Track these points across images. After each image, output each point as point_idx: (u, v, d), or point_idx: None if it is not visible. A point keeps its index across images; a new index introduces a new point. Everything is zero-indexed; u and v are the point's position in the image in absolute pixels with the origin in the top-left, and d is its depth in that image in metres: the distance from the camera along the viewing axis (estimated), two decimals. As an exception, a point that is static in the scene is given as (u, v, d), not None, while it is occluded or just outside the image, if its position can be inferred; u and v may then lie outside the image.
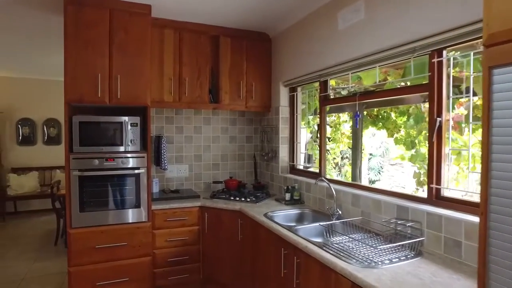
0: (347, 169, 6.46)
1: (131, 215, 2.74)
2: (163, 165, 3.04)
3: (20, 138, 6.44)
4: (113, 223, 2.68)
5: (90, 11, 2.56)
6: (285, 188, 3.02)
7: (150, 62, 2.83)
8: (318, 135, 3.06)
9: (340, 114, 5.21)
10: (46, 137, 6.60)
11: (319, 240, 2.06)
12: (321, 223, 2.18)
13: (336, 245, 1.83)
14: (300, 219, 2.72)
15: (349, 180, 3.59)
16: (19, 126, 6.42)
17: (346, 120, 5.59)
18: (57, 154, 6.50)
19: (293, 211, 2.73)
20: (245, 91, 3.38)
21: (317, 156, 3.15)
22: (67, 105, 2.58)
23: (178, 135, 3.45)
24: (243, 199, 3.01)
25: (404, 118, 4.44)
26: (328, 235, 2.04)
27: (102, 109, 2.94)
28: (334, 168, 6.48)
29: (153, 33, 2.92)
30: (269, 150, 3.55)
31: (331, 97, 2.92)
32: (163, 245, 2.86)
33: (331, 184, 2.49)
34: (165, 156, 3.06)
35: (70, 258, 2.57)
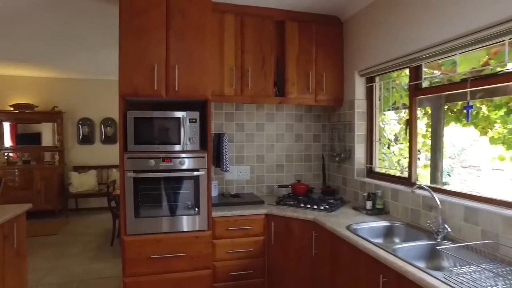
0: (419, 171, 5.74)
1: (189, 222, 2.43)
2: (224, 166, 2.70)
3: (80, 137, 6.60)
4: (169, 231, 2.40)
5: (146, -8, 2.29)
6: (365, 195, 2.54)
7: (211, 50, 2.51)
8: (407, 132, 2.53)
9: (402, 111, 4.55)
10: (103, 136, 6.71)
11: (420, 263, 1.59)
12: (440, 248, 1.68)
13: (463, 279, 1.33)
14: (389, 234, 2.22)
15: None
16: (79, 125, 6.58)
17: (420, 117, 4.91)
18: (113, 153, 6.56)
19: (380, 224, 2.24)
20: (314, 83, 2.94)
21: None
22: (122, 99, 2.34)
23: (238, 133, 3.11)
24: (315, 206, 2.57)
25: (501, 112, 3.70)
26: (446, 261, 1.54)
27: (158, 104, 2.68)
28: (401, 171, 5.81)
29: (213, 19, 2.60)
30: (341, 150, 3.07)
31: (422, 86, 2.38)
32: (224, 257, 2.52)
33: (435, 194, 1.96)
34: (226, 156, 2.72)
35: (125, 267, 2.32)
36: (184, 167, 2.41)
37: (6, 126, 6.30)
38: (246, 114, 3.13)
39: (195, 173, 2.42)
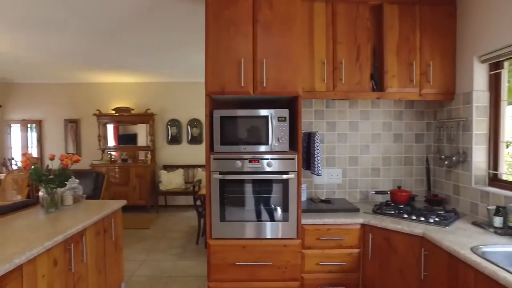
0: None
1: (277, 229, 2.25)
2: (316, 169, 2.46)
3: (169, 137, 7.01)
4: (255, 237, 2.25)
5: (233, -15, 2.18)
6: (491, 208, 2.05)
7: (300, 42, 2.30)
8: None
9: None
10: (190, 137, 7.01)
11: None
12: None
13: None
14: (531, 262, 1.73)
15: None
16: (168, 126, 6.99)
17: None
18: (199, 153, 6.83)
19: (518, 248, 1.76)
20: (418, 74, 2.52)
21: None
22: (208, 97, 2.27)
23: (329, 133, 2.84)
24: (422, 218, 2.17)
25: None
26: None
27: (244, 104, 2.57)
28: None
29: (302, 8, 2.39)
30: (451, 152, 2.58)
31: None
32: (314, 269, 2.29)
33: None
34: (318, 157, 2.47)
35: (209, 272, 2.25)
36: (272, 169, 2.24)
37: (110, 127, 7.00)
38: (338, 112, 2.85)
39: (284, 176, 2.23)
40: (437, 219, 2.15)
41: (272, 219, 2.25)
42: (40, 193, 2.65)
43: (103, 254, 2.58)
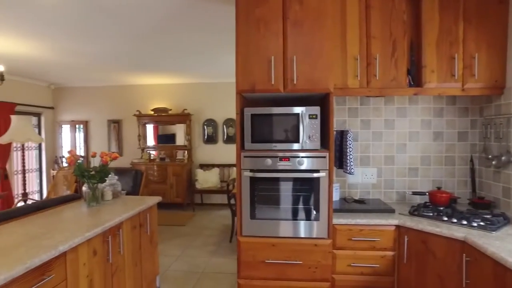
0: None
1: (307, 228, 2.22)
2: (348, 167, 2.40)
3: (205, 137, 7.16)
4: (285, 235, 2.23)
5: (263, -17, 2.18)
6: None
7: (331, 38, 2.25)
8: None
9: None
10: (225, 136, 7.12)
11: None
12: None
13: None
14: None
15: None
16: (204, 126, 7.15)
17: None
18: (234, 152, 6.91)
19: None
20: (461, 67, 2.36)
21: None
22: (239, 96, 2.29)
23: (364, 131, 2.75)
24: (464, 222, 2.03)
25: None
26: None
27: (274, 102, 2.56)
28: None
29: (333, 4, 2.34)
30: (500, 152, 2.39)
31: None
32: (346, 270, 2.22)
33: None
34: (351, 156, 2.41)
35: (239, 269, 2.26)
36: (303, 167, 2.21)
37: (149, 127, 7.30)
38: (372, 110, 2.75)
39: (315, 175, 2.19)
40: (482, 223, 2.00)
41: (302, 218, 2.22)
42: (84, 188, 2.82)
43: (138, 248, 2.69)
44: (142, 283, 2.73)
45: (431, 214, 2.22)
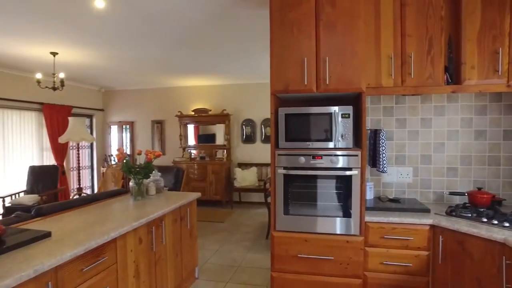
0: None
1: (339, 225, 2.26)
2: (381, 166, 2.40)
3: (244, 137, 7.33)
4: (318, 231, 2.29)
5: (296, -13, 2.26)
6: None
7: (364, 38, 2.28)
8: None
9: None
10: (263, 136, 7.24)
11: None
12: None
13: None
14: None
15: None
16: (243, 126, 7.32)
17: None
18: (271, 152, 7.00)
19: None
20: (506, 62, 2.26)
21: None
22: (273, 96, 2.38)
23: (399, 130, 2.72)
24: (506, 224, 1.96)
25: None
26: None
27: (308, 102, 2.63)
28: None
29: (367, 4, 2.36)
30: (548, 152, 2.27)
31: None
32: (378, 268, 2.23)
33: None
34: (384, 155, 2.41)
35: (273, 262, 2.36)
36: (335, 165, 2.26)
37: (190, 128, 7.62)
38: (408, 108, 2.72)
39: (347, 173, 2.23)
40: None
41: (335, 214, 2.27)
42: (130, 184, 3.07)
43: (179, 239, 2.87)
44: (182, 273, 2.91)
45: (470, 215, 2.16)
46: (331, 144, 2.31)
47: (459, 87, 2.34)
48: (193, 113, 7.39)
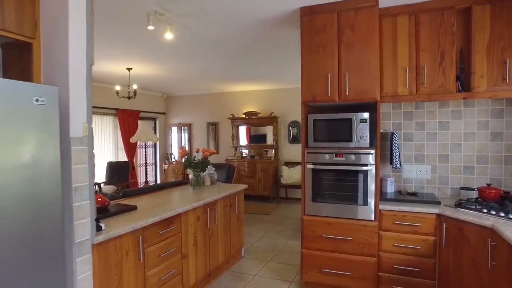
0: None
1: (357, 211, 2.71)
2: (394, 163, 2.80)
3: (290, 137, 7.84)
4: (339, 216, 2.76)
5: (320, 17, 2.76)
6: None
7: (382, 54, 2.72)
8: None
9: None
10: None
11: None
12: None
13: None
14: None
15: None
16: (290, 127, 7.83)
17: None
18: (315, 151, 7.41)
19: None
20: (513, 72, 2.54)
21: None
22: (304, 105, 2.90)
23: (418, 132, 3.07)
24: (502, 214, 2.27)
25: None
26: None
27: (333, 108, 3.08)
28: None
29: (385, 24, 2.77)
30: (555, 152, 2.48)
31: None
32: (390, 249, 2.64)
33: None
34: (396, 153, 2.80)
35: (302, 241, 2.88)
36: (354, 162, 2.71)
37: (241, 129, 8.33)
38: (427, 113, 3.05)
39: (364, 168, 2.67)
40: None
41: (353, 202, 2.72)
42: (190, 176, 3.78)
43: (228, 221, 3.51)
44: (230, 249, 3.54)
45: (473, 207, 2.47)
46: (351, 144, 2.76)
47: (470, 94, 2.66)
48: (244, 115, 8.08)
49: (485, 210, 2.37)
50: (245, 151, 8.21)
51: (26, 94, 1.43)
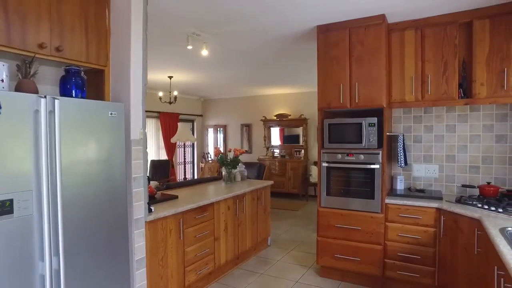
0: None
1: (365, 204, 3.08)
2: (398, 162, 3.14)
3: (319, 138, 8.17)
4: (350, 208, 3.14)
5: (334, 34, 3.16)
6: None
7: (391, 64, 3.07)
8: None
9: None
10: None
11: None
12: None
13: None
14: None
15: None
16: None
17: None
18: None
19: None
20: (511, 79, 2.78)
21: None
22: (320, 111, 3.31)
23: (427, 134, 3.36)
24: (493, 208, 2.55)
25: None
26: None
27: (345, 113, 3.46)
28: None
29: (394, 37, 3.11)
30: (551, 153, 2.70)
31: None
32: (395, 238, 2.98)
33: None
34: (400, 154, 3.14)
35: (318, 229, 3.29)
36: (363, 161, 3.08)
37: (273, 130, 8.78)
38: (435, 117, 3.33)
39: (372, 166, 3.04)
40: (500, 210, 2.46)
41: (362, 196, 3.09)
42: (223, 173, 4.31)
43: (256, 213, 3.99)
44: (257, 238, 4.03)
45: (470, 202, 2.76)
46: (360, 145, 3.13)
47: (471, 100, 2.93)
48: (275, 117, 8.54)
49: (479, 205, 2.65)
50: (276, 151, 8.66)
51: (105, 109, 2.01)
